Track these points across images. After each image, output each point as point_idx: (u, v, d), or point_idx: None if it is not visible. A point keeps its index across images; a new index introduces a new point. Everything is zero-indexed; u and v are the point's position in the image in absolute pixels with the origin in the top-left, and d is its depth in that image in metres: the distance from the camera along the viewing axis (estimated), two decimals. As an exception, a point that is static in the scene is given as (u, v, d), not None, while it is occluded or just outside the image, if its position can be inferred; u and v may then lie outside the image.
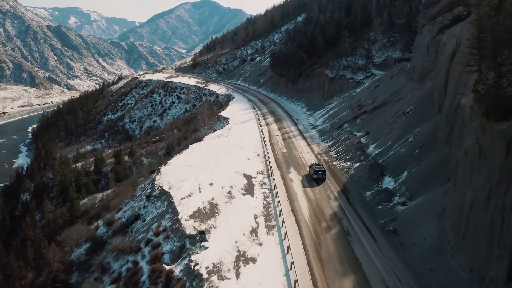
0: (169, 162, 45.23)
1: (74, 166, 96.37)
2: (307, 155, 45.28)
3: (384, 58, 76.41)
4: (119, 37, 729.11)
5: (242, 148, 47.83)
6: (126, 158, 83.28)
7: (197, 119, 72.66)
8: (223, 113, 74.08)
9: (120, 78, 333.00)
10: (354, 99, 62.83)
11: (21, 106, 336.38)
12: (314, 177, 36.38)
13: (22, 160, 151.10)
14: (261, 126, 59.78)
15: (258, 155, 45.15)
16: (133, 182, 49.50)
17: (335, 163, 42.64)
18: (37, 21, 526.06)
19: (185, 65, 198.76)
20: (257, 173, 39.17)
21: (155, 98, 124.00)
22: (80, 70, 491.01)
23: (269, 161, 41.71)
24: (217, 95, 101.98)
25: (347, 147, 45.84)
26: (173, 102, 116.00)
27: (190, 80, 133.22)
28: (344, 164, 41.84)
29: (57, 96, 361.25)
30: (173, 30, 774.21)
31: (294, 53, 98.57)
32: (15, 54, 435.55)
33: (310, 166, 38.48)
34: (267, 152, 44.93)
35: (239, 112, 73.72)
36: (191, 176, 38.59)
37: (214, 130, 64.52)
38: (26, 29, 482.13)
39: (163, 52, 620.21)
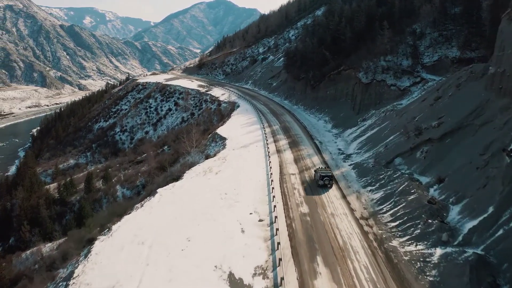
0: (114, 228, 27.49)
1: (47, 187, 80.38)
2: (344, 221, 26.64)
3: (436, 58, 56.91)
4: (133, 37, 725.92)
5: (235, 202, 29.67)
6: (100, 183, 66.30)
7: (189, 134, 54.55)
8: (221, 130, 56.05)
9: (128, 78, 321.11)
10: (404, 116, 43.79)
11: (29, 107, 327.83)
12: (320, 184, 32.54)
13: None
14: (269, 155, 41.43)
15: (260, 220, 26.79)
16: (66, 249, 31.90)
17: (394, 243, 23.89)
18: (50, 21, 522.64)
19: (192, 65, 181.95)
20: (255, 274, 20.83)
21: (151, 104, 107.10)
22: (93, 70, 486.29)
23: (279, 242, 23.29)
24: (219, 103, 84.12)
25: (411, 208, 27.04)
26: (170, 109, 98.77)
27: (191, 83, 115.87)
28: (413, 248, 23.10)
29: (68, 97, 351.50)
30: (188, 30, 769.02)
31: (314, 51, 79.90)
32: (27, 54, 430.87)
33: (316, 171, 34.31)
34: (276, 216, 26.49)
35: (241, 129, 55.57)
36: (133, 276, 20.73)
37: (207, 157, 46.63)
38: (38, 29, 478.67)
39: (176, 52, 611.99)
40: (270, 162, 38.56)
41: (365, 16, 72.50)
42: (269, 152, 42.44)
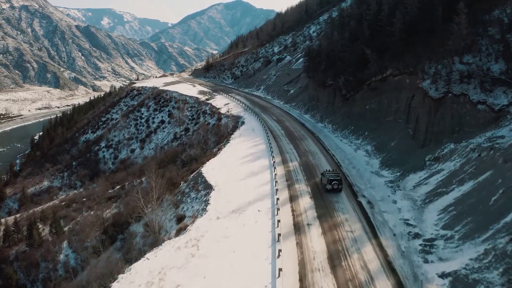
0: None
1: (5, 220, 63.41)
2: None
3: (543, 59, 36.28)
4: (150, 38, 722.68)
5: None
6: (47, 231, 48.27)
7: (148, 185, 35.44)
8: (209, 168, 36.77)
9: (137, 79, 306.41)
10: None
11: (39, 109, 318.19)
12: (328, 188, 29.53)
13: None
14: (279, 239, 22.06)
15: None
16: None
17: None
18: (66, 21, 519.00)
19: (200, 67, 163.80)
20: None
21: (142, 113, 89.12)
22: (108, 71, 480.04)
23: None
24: (219, 116, 65.06)
25: None
26: (163, 121, 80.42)
27: (192, 89, 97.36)
28: None
29: (81, 98, 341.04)
30: (205, 31, 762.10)
31: (345, 49, 59.92)
32: (42, 54, 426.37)
33: (323, 174, 31.19)
34: None
35: (240, 168, 36.15)
36: None
37: (178, 220, 27.89)
38: (54, 29, 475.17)
39: (193, 53, 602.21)
40: (280, 270, 18.97)
41: (417, 1, 52.15)
42: (279, 234, 22.82)
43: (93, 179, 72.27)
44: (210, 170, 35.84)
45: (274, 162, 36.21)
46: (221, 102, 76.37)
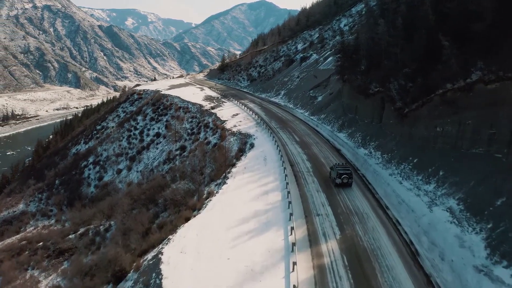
0: None
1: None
2: None
3: None
4: (174, 38, 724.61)
5: None
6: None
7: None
8: (176, 249, 20.89)
9: (154, 79, 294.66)
10: None
11: (57, 109, 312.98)
12: (338, 182, 28.12)
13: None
14: None
15: None
16: None
17: None
18: (88, 21, 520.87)
19: (215, 67, 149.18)
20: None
21: (138, 122, 74.40)
22: (130, 71, 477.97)
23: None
24: (223, 133, 49.04)
25: None
26: (158, 135, 65.30)
27: (199, 93, 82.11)
28: None
29: (101, 98, 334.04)
30: (228, 31, 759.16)
31: (397, 42, 42.54)
32: (64, 54, 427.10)
33: (332, 168, 29.91)
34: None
35: (232, 251, 19.85)
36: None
37: None
38: (76, 29, 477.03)
39: (216, 53, 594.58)
40: None
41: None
42: None
43: (68, 206, 58.24)
44: (177, 254, 19.84)
45: (294, 243, 19.72)
46: (229, 111, 60.27)
